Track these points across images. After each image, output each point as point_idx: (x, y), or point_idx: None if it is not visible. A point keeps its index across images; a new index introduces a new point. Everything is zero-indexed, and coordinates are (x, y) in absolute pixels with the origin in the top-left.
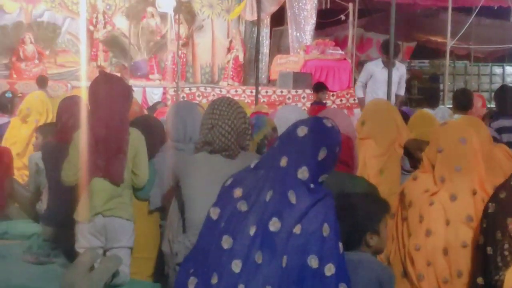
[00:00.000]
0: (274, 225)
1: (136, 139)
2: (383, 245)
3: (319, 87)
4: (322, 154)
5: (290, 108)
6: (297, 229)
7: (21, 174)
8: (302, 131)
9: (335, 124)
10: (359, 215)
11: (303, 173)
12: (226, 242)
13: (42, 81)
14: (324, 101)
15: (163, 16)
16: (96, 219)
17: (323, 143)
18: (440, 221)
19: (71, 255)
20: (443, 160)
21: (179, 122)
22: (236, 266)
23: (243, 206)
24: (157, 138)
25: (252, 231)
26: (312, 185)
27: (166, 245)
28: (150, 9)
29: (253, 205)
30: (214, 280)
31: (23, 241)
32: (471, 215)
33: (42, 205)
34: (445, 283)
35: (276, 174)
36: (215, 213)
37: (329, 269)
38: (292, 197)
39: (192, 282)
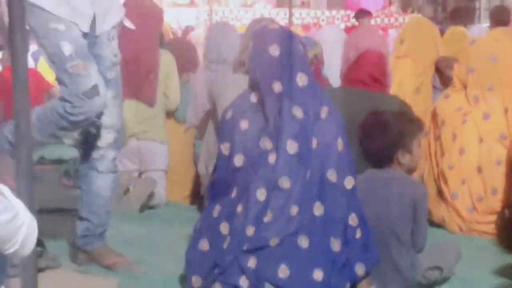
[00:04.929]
0: (291, 146)
1: (167, 61)
2: (415, 163)
3: (360, 14)
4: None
5: (330, 28)
6: (314, 143)
7: None
8: (274, 51)
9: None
10: (391, 132)
11: (301, 78)
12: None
13: None
14: None
15: None
16: (130, 142)
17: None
18: (473, 139)
19: None
20: (474, 80)
21: (213, 43)
22: (261, 194)
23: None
24: (190, 60)
25: (271, 158)
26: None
27: (201, 167)
28: None
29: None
30: (239, 209)
31: (60, 166)
32: (504, 133)
33: None
34: (480, 201)
35: (275, 99)
36: (226, 148)
37: (349, 182)
38: (298, 112)
39: (216, 209)
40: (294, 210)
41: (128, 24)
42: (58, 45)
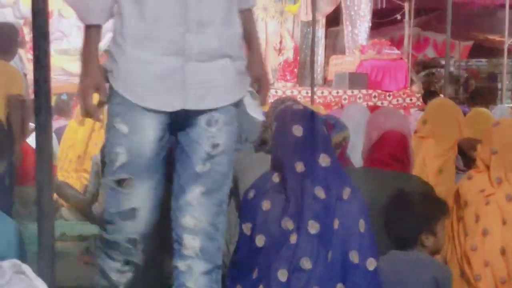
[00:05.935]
0: (313, 227)
1: None
2: (440, 246)
3: (429, 95)
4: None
5: (355, 107)
6: (335, 224)
7: (79, 176)
8: (298, 131)
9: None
10: (416, 214)
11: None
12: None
13: None
14: None
15: None
16: None
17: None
18: (496, 221)
19: None
20: (498, 161)
21: None
22: (283, 274)
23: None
24: None
25: (293, 239)
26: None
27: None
28: None
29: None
30: None
31: (81, 243)
32: None
33: (98, 207)
34: (503, 284)
35: (297, 179)
36: (247, 228)
37: (371, 264)
38: (320, 192)
39: None
40: None
41: (255, 113)
42: (111, 151)
